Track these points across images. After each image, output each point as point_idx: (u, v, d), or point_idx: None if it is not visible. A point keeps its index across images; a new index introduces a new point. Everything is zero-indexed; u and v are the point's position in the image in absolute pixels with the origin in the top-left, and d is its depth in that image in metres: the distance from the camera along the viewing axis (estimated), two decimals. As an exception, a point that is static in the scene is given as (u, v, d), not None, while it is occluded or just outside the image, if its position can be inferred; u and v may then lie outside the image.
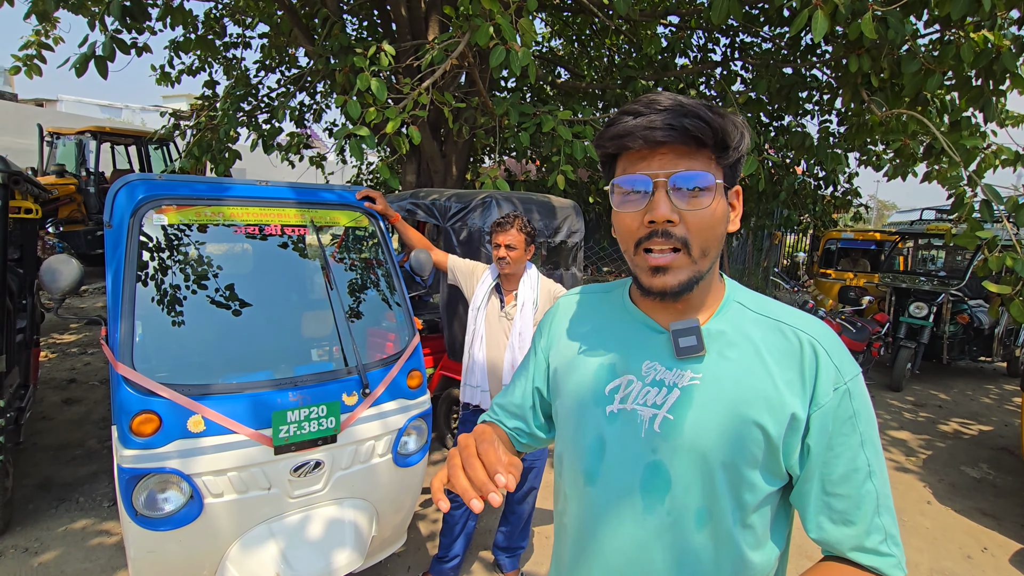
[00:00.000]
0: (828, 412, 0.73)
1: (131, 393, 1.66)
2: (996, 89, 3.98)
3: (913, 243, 8.16)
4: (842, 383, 0.74)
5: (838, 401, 0.73)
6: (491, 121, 4.50)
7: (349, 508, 2.00)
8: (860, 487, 0.73)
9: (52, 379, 4.82)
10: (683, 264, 0.75)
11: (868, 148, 6.63)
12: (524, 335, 2.32)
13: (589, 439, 0.84)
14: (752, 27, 5.88)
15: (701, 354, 0.78)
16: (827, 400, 0.73)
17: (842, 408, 0.73)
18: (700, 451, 0.76)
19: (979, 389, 6.37)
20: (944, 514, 3.50)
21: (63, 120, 14.54)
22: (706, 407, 0.76)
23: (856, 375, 0.76)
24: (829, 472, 0.74)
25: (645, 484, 0.78)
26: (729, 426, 0.74)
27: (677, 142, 0.72)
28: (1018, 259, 3.26)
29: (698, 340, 0.77)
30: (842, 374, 0.74)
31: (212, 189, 2.05)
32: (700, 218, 0.74)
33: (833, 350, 0.76)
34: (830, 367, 0.74)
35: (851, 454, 0.73)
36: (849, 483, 0.73)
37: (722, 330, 0.79)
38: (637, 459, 0.79)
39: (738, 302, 0.82)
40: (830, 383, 0.74)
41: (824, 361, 0.74)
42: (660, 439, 0.78)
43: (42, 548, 2.65)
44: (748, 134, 0.77)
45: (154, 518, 1.67)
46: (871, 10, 3.12)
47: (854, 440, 0.73)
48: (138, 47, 4.71)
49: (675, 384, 0.78)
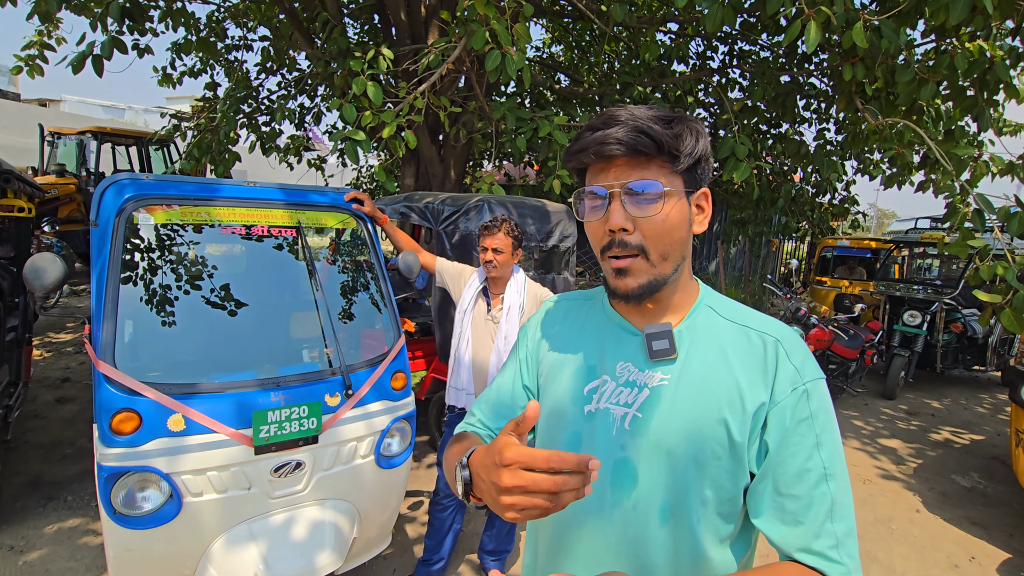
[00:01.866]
0: (784, 410, 0.75)
1: (112, 391, 1.67)
2: (990, 99, 4.00)
3: (908, 252, 8.16)
4: (800, 383, 0.76)
5: (795, 400, 0.75)
6: (488, 125, 4.52)
7: (330, 509, 2.00)
8: (812, 489, 0.74)
9: (46, 377, 4.83)
10: (642, 268, 0.79)
11: (865, 156, 6.65)
12: (510, 338, 2.33)
13: (567, 436, 0.88)
14: (749, 35, 5.91)
15: (673, 357, 0.81)
16: (784, 398, 0.76)
17: (799, 408, 0.75)
18: (666, 448, 0.79)
19: (973, 398, 6.36)
20: (933, 523, 3.49)
21: (66, 120, 14.61)
22: (673, 406, 0.79)
23: (817, 379, 0.77)
24: (782, 471, 0.75)
25: (614, 480, 0.82)
26: (694, 425, 0.78)
27: (628, 155, 0.76)
28: (1009, 268, 3.27)
29: (670, 343, 0.81)
30: (801, 375, 0.76)
31: (200, 189, 2.06)
32: (653, 224, 0.77)
33: (794, 352, 0.78)
34: (789, 367, 0.77)
35: (805, 455, 0.74)
36: (801, 483, 0.74)
37: (692, 333, 0.83)
38: (607, 455, 0.82)
39: (709, 306, 0.85)
40: (788, 382, 0.76)
41: (784, 361, 0.77)
42: (629, 436, 0.81)
43: (28, 546, 2.65)
44: (702, 137, 0.79)
45: (133, 516, 1.68)
46: (863, 19, 3.13)
47: (809, 441, 0.74)
48: (139, 48, 4.75)
49: (646, 384, 0.82)
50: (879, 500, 3.74)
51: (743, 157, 4.04)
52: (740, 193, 7.93)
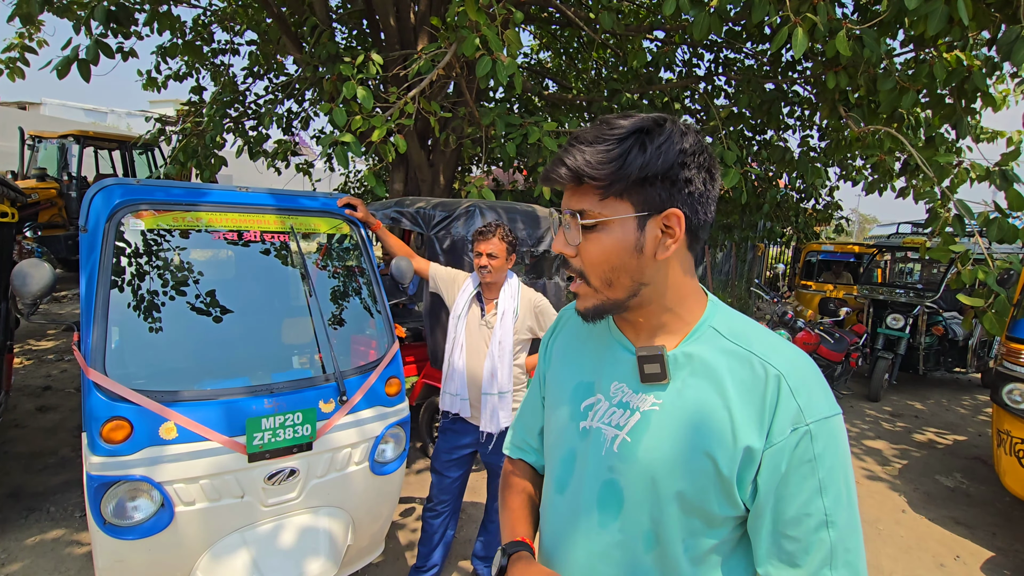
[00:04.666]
0: (782, 452, 0.70)
1: (102, 399, 1.64)
2: (968, 107, 4.10)
3: (890, 256, 8.32)
4: (803, 424, 0.70)
5: (796, 441, 0.70)
6: (478, 131, 4.53)
7: (324, 516, 1.98)
8: (811, 534, 0.70)
9: (27, 386, 4.72)
10: (586, 292, 0.79)
11: (847, 163, 6.78)
12: (504, 344, 2.33)
13: (564, 451, 0.88)
14: (735, 43, 6.01)
15: (664, 382, 0.78)
16: (782, 439, 0.70)
17: (800, 450, 0.69)
18: (651, 476, 0.77)
19: (954, 399, 6.49)
20: (918, 523, 3.55)
21: (47, 124, 14.37)
22: (661, 434, 0.77)
23: (825, 418, 0.71)
24: (781, 512, 0.71)
25: (601, 500, 0.81)
26: (680, 455, 0.75)
27: (569, 182, 0.76)
28: (989, 273, 3.35)
29: (661, 368, 0.77)
30: (804, 414, 0.70)
31: (190, 194, 2.04)
32: (589, 251, 0.76)
33: (800, 387, 0.71)
34: (791, 405, 0.70)
35: (805, 498, 0.70)
36: (800, 527, 0.70)
37: (689, 358, 0.77)
38: (597, 475, 0.82)
39: (713, 327, 0.79)
40: (788, 422, 0.70)
41: (785, 398, 0.71)
42: (617, 459, 0.80)
43: (10, 559, 2.59)
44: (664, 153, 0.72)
45: (123, 526, 1.65)
46: (846, 28, 3.20)
47: (810, 484, 0.70)
48: (124, 52, 4.69)
49: (637, 408, 0.80)
50: (865, 501, 3.79)
51: (731, 163, 4.09)
52: (727, 198, 8.03)
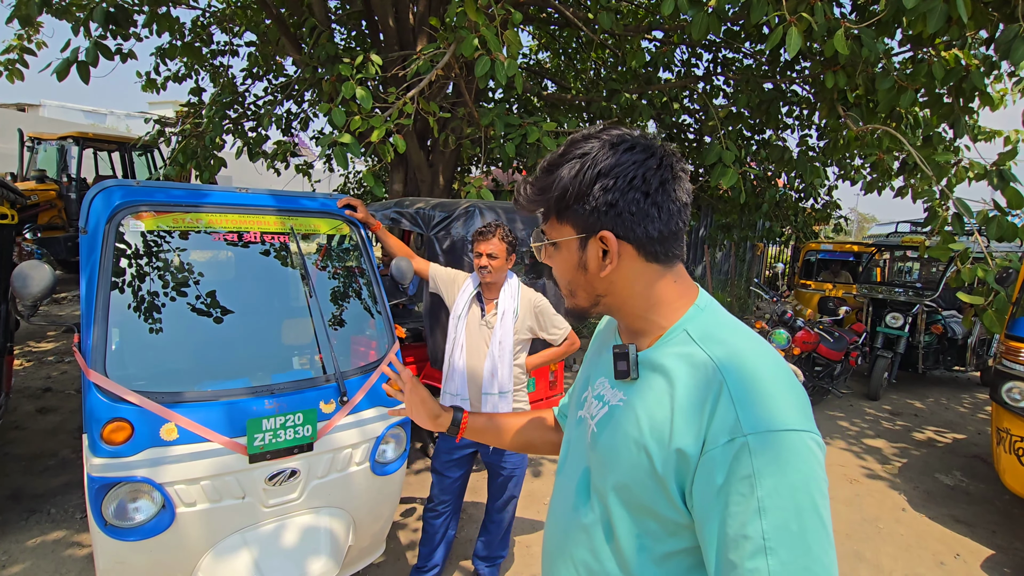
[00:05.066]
0: (716, 462, 0.65)
1: (102, 400, 1.64)
2: (966, 106, 4.11)
3: (890, 255, 8.32)
4: (740, 435, 0.64)
5: (731, 454, 0.64)
6: (477, 131, 4.54)
7: (325, 517, 1.99)
8: (747, 559, 0.62)
9: (27, 388, 4.72)
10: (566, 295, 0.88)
11: (846, 162, 6.78)
12: (504, 343, 2.33)
13: (567, 436, 0.98)
14: (733, 43, 6.02)
15: (630, 379, 0.80)
16: (715, 449, 0.66)
17: (739, 463, 0.63)
18: (603, 468, 0.80)
19: (953, 398, 6.50)
20: (918, 521, 3.55)
21: (45, 125, 14.36)
22: (616, 428, 0.79)
23: (770, 431, 0.64)
24: (722, 530, 0.65)
25: (579, 486, 0.87)
26: (624, 449, 0.76)
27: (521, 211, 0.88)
28: (989, 271, 3.36)
29: (627, 365, 0.80)
30: (742, 425, 0.64)
31: (191, 196, 2.05)
32: (552, 266, 0.86)
33: (744, 396, 0.66)
34: (729, 414, 0.66)
35: (743, 519, 0.63)
36: (737, 550, 0.63)
37: (653, 359, 0.79)
38: (579, 462, 0.89)
39: (686, 330, 0.78)
40: (725, 431, 0.65)
41: (724, 406, 0.66)
42: (590, 449, 0.85)
43: (10, 560, 2.59)
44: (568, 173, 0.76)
45: (124, 528, 1.65)
46: (844, 28, 3.21)
47: (749, 504, 0.62)
48: (123, 53, 4.69)
49: (608, 401, 0.84)
50: (865, 500, 3.79)
51: (730, 163, 4.10)
52: (725, 198, 8.05)
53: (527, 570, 2.81)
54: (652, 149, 0.76)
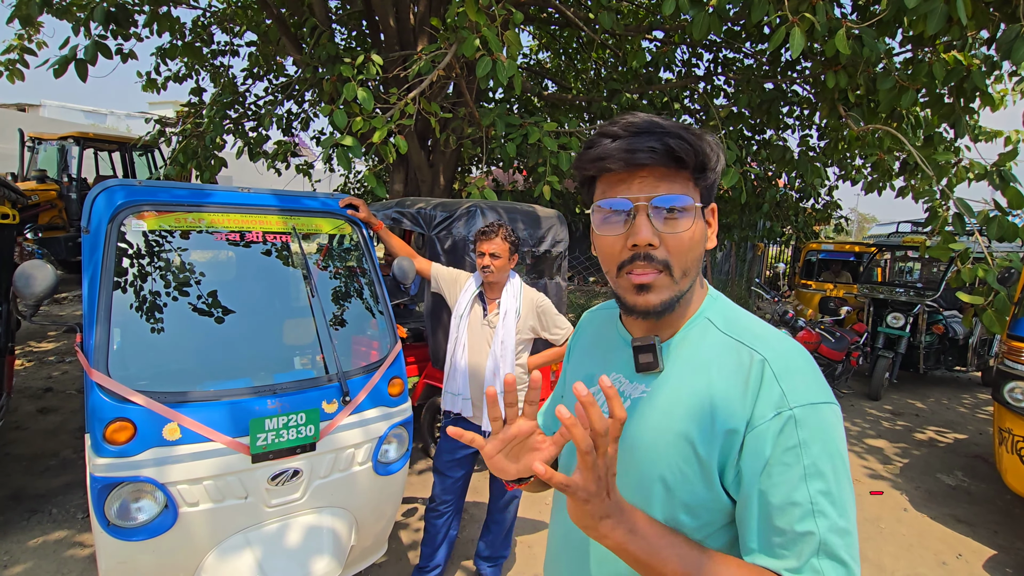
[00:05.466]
0: (764, 436, 0.69)
1: (105, 400, 1.64)
2: (967, 106, 4.11)
3: (890, 255, 8.32)
4: (786, 408, 0.68)
5: (779, 427, 0.68)
6: (478, 131, 4.53)
7: (328, 517, 1.99)
8: (797, 523, 0.66)
9: (28, 388, 4.72)
10: (665, 284, 0.76)
11: (847, 162, 6.78)
12: (506, 343, 2.33)
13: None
14: (734, 43, 6.02)
15: (658, 370, 0.80)
16: (763, 423, 0.69)
17: (785, 435, 0.68)
18: (636, 463, 0.78)
19: (954, 398, 6.50)
20: (920, 521, 3.55)
21: (46, 125, 14.36)
22: (644, 420, 0.78)
23: (812, 403, 0.69)
24: (767, 501, 0.68)
25: None
26: (660, 440, 0.76)
27: (658, 164, 0.73)
28: (989, 271, 3.35)
29: (654, 357, 0.79)
30: (788, 399, 0.69)
31: (193, 195, 2.05)
32: (680, 241, 0.74)
33: (784, 373, 0.71)
34: (774, 389, 0.70)
35: (790, 487, 0.67)
36: (785, 516, 0.67)
37: (680, 347, 0.79)
38: None
39: (708, 318, 0.80)
40: (771, 406, 0.69)
41: (769, 382, 0.70)
42: None
43: (12, 561, 2.58)
44: (723, 154, 0.77)
45: (127, 528, 1.65)
46: (845, 27, 3.21)
47: (795, 472, 0.67)
48: (123, 53, 4.69)
49: (629, 396, 0.82)
50: (867, 499, 3.79)
51: (731, 163, 4.10)
52: (726, 198, 8.04)
53: (529, 570, 2.80)
54: None
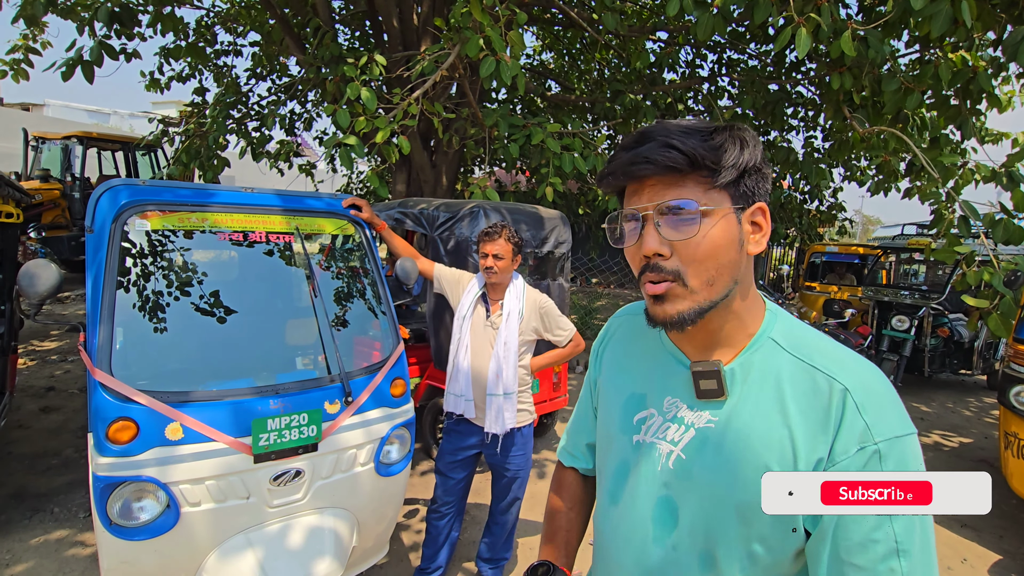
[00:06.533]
0: (847, 471, 0.66)
1: (108, 399, 1.64)
2: (973, 108, 4.09)
3: (895, 257, 8.29)
4: (871, 442, 0.65)
5: (863, 461, 0.65)
6: (481, 132, 4.53)
7: (329, 517, 1.98)
8: (879, 562, 0.64)
9: (30, 387, 4.73)
10: (679, 294, 0.72)
11: (852, 164, 6.76)
12: (509, 344, 2.32)
13: (616, 462, 0.87)
14: (738, 44, 6.01)
15: (721, 398, 0.76)
16: (846, 459, 0.66)
17: (868, 470, 0.65)
18: (708, 495, 0.74)
19: (960, 402, 6.46)
20: (925, 525, 3.52)
21: (49, 125, 14.41)
22: (718, 452, 0.74)
23: (897, 436, 0.66)
24: (844, 536, 0.66)
25: (656, 516, 0.79)
26: (739, 475, 0.72)
27: (659, 173, 0.71)
28: (995, 274, 3.33)
29: (718, 384, 0.75)
30: (872, 432, 0.66)
31: (197, 195, 2.04)
32: (690, 247, 0.71)
33: (868, 403, 0.67)
34: (859, 422, 0.66)
35: (873, 523, 0.64)
36: (866, 554, 0.65)
37: (747, 371, 0.75)
38: (651, 491, 0.80)
39: (772, 339, 0.75)
40: (854, 441, 0.66)
41: (851, 415, 0.67)
42: (672, 476, 0.78)
43: (14, 560, 2.58)
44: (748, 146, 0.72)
45: (129, 527, 1.65)
46: (851, 29, 3.20)
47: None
48: (127, 53, 4.70)
49: (692, 424, 0.78)
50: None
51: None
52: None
53: (531, 572, 2.79)
54: None
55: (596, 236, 10.95)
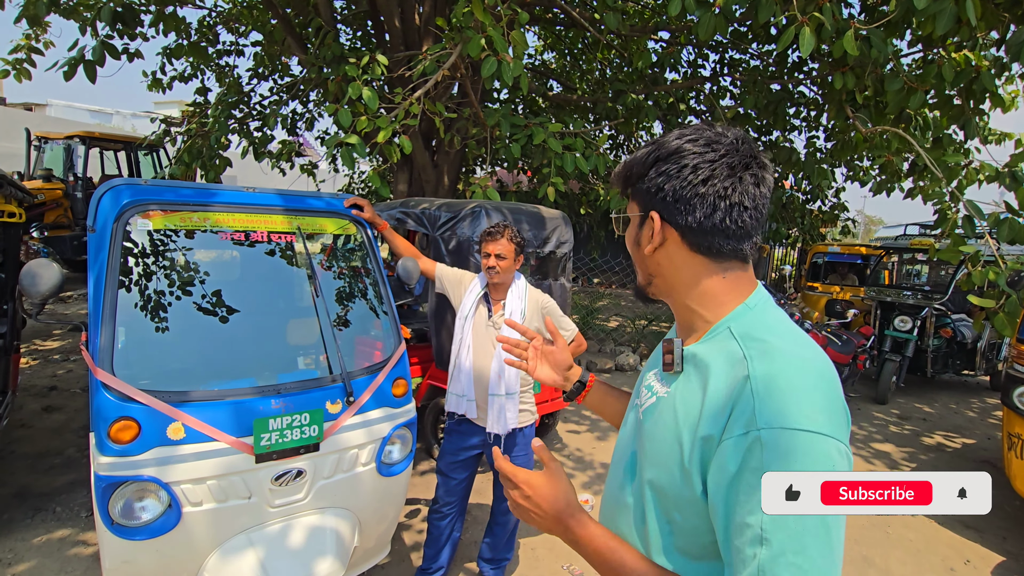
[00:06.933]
0: (731, 451, 0.68)
1: (110, 399, 1.64)
2: (976, 108, 4.08)
3: (898, 257, 8.26)
4: (754, 429, 0.66)
5: (745, 446, 0.66)
6: (482, 132, 4.53)
7: (331, 517, 1.98)
8: (745, 547, 0.65)
9: (33, 386, 4.73)
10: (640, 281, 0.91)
11: (854, 164, 6.74)
12: (511, 344, 2.31)
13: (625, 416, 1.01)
14: (740, 44, 5.99)
15: (675, 371, 0.83)
16: (729, 439, 0.68)
17: (751, 456, 0.66)
18: (644, 458, 0.83)
19: (962, 402, 6.44)
20: (927, 526, 3.52)
21: (52, 125, 14.44)
22: (656, 421, 0.82)
23: (786, 428, 0.65)
24: (730, 516, 0.68)
25: (626, 467, 0.90)
26: (661, 441, 0.79)
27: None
28: (1000, 274, 3.32)
29: (673, 359, 0.83)
30: (757, 419, 0.66)
31: (198, 195, 2.04)
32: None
33: (764, 392, 0.68)
34: (749, 407, 0.68)
35: (748, 508, 0.65)
36: (740, 536, 0.66)
37: (696, 354, 0.81)
38: (629, 445, 0.91)
39: (729, 328, 0.79)
40: (742, 424, 0.68)
41: (746, 399, 0.68)
42: (637, 435, 0.88)
43: (16, 559, 2.59)
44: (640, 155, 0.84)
45: (130, 527, 1.64)
46: (853, 28, 3.19)
47: (754, 496, 0.64)
48: (129, 53, 4.71)
49: (655, 393, 0.87)
50: (874, 504, 3.76)
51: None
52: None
53: (532, 572, 2.79)
54: (718, 145, 0.78)
55: (598, 236, 10.94)
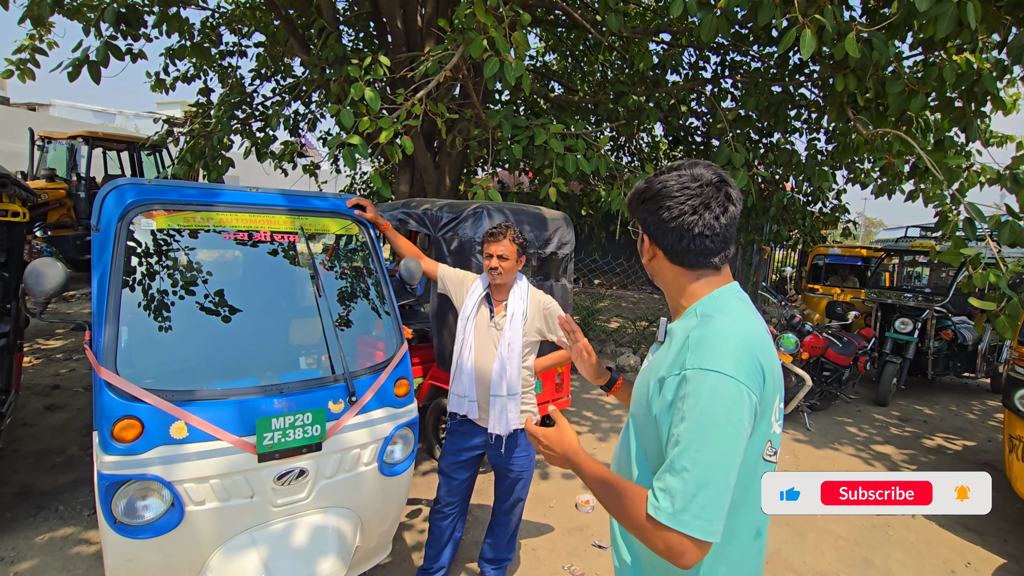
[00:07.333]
0: (668, 387, 0.95)
1: (113, 398, 1.65)
2: (978, 110, 4.08)
3: (899, 259, 8.26)
4: (682, 368, 0.93)
5: (676, 382, 0.93)
6: (484, 133, 4.54)
7: (333, 517, 1.98)
8: (670, 450, 0.92)
9: (36, 385, 4.75)
10: None
11: (855, 166, 6.74)
12: (513, 345, 2.32)
13: None
14: (742, 46, 6.00)
15: (660, 342, 1.13)
16: (670, 378, 0.95)
17: (679, 388, 0.92)
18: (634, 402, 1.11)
19: (963, 405, 6.44)
20: (928, 528, 3.52)
21: (55, 125, 14.47)
22: (642, 375, 1.11)
23: (700, 368, 0.91)
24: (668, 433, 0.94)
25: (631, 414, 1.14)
26: (641, 385, 1.08)
27: None
28: (1001, 276, 3.32)
29: (660, 332, 1.14)
30: (687, 362, 0.93)
31: (202, 194, 2.05)
32: None
33: (697, 346, 0.94)
34: (684, 356, 0.94)
35: (672, 425, 0.92)
36: (669, 446, 0.92)
37: (673, 328, 1.08)
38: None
39: (696, 310, 1.04)
40: (678, 366, 0.94)
41: (683, 351, 0.96)
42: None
43: (19, 557, 2.60)
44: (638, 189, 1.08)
45: (133, 526, 1.65)
46: (855, 30, 3.19)
47: (678, 416, 0.91)
48: (133, 53, 4.72)
49: (648, 358, 1.16)
50: (875, 506, 3.76)
51: (739, 166, 4.08)
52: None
53: (533, 573, 2.79)
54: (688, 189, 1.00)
55: (599, 237, 10.96)
